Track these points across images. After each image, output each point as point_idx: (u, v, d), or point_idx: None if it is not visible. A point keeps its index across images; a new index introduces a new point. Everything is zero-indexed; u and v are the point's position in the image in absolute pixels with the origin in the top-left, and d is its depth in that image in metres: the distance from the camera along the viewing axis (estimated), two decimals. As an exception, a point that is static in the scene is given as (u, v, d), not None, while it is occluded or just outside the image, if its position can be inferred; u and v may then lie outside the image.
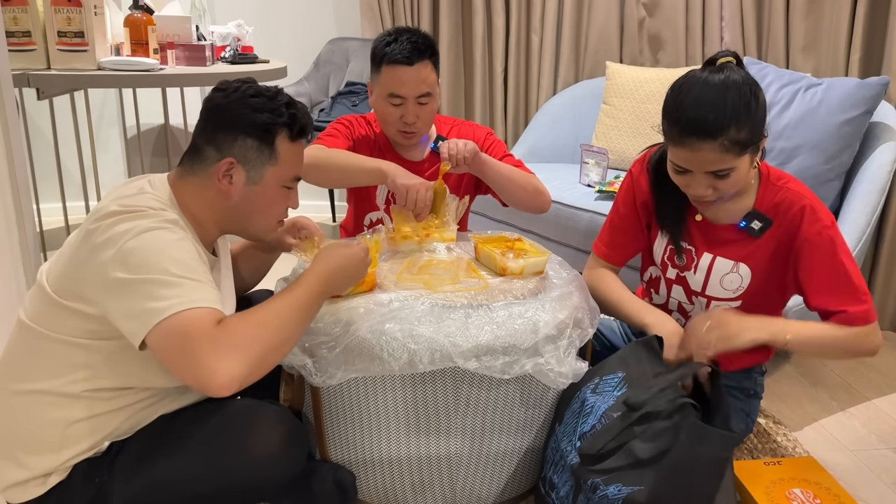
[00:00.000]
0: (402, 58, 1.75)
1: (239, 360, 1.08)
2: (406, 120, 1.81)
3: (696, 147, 1.33)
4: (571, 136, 3.08)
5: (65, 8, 2.30)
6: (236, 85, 1.30)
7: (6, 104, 1.97)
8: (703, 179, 1.38)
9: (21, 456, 1.22)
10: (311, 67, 3.52)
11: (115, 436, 1.26)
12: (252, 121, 1.27)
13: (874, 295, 2.61)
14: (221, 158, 1.27)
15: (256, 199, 1.31)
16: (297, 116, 1.31)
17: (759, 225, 1.48)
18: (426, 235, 1.74)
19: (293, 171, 1.34)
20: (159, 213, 1.20)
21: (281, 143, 1.29)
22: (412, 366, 1.33)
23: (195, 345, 1.07)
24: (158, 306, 1.09)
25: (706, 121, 1.31)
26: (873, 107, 2.28)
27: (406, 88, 1.77)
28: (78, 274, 1.18)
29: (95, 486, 1.23)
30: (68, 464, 1.23)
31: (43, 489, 1.23)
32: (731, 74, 1.34)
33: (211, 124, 1.29)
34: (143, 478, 1.23)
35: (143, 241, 1.14)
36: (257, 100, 1.28)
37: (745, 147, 1.34)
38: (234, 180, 1.28)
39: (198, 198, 1.29)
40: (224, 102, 1.28)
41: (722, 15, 2.96)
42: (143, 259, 1.12)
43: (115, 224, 1.15)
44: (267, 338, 1.13)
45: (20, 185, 2.03)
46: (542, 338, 1.39)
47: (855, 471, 1.83)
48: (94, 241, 1.16)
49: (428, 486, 1.51)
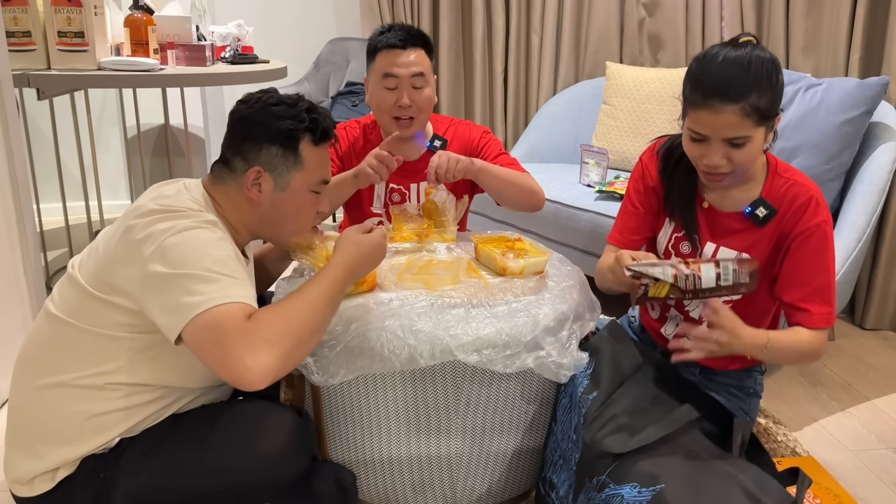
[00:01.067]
0: (397, 41, 1.81)
1: (271, 354, 1.10)
2: (401, 103, 1.82)
3: (718, 109, 1.35)
4: (571, 136, 3.08)
5: (65, 8, 2.30)
6: (258, 95, 1.35)
7: (6, 104, 1.97)
8: (719, 148, 1.39)
9: (38, 447, 1.25)
10: (311, 67, 3.53)
11: (128, 431, 1.28)
12: (275, 128, 1.31)
13: (874, 295, 2.62)
14: (249, 168, 1.31)
15: (286, 206, 1.35)
16: (319, 121, 1.35)
17: (764, 212, 1.49)
18: (426, 235, 1.74)
19: (319, 174, 1.37)
20: (198, 213, 1.24)
21: (305, 148, 1.33)
22: (413, 361, 1.34)
23: (228, 339, 1.09)
24: (195, 300, 1.11)
25: (731, 82, 1.34)
26: (873, 107, 2.29)
27: (400, 68, 1.81)
28: (116, 268, 1.20)
29: (100, 481, 1.24)
30: (79, 456, 1.25)
31: (50, 484, 1.25)
32: (754, 49, 1.39)
33: (237, 136, 1.33)
34: (148, 475, 1.24)
35: (184, 238, 1.17)
36: (279, 108, 1.32)
37: (763, 117, 1.36)
38: (263, 188, 1.32)
39: (230, 204, 1.34)
40: (247, 113, 1.33)
41: (722, 15, 2.96)
42: (182, 255, 1.15)
43: (155, 222, 1.19)
44: (298, 330, 1.15)
45: (20, 185, 2.03)
46: (543, 330, 1.39)
47: (855, 471, 1.83)
48: (134, 237, 1.18)
49: (428, 486, 1.51)
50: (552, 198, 2.53)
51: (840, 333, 2.62)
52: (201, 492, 1.24)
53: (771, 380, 2.27)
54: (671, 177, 1.58)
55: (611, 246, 1.68)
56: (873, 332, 2.66)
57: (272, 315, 1.14)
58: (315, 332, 1.19)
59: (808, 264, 1.46)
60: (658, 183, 1.61)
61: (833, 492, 1.59)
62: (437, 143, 1.94)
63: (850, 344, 2.56)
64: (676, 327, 1.66)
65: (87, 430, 1.24)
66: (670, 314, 1.67)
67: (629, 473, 1.23)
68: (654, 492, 1.19)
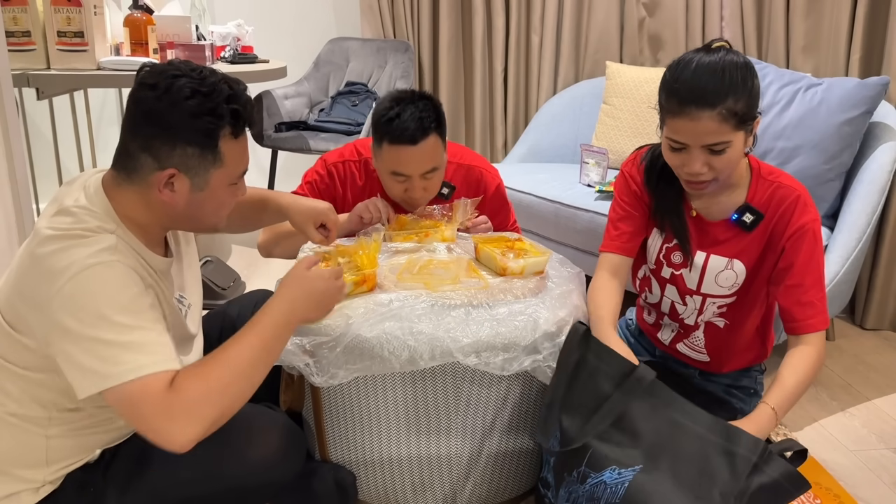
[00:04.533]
0: (406, 138, 1.64)
1: (196, 423, 1.06)
2: (412, 195, 1.73)
3: (695, 116, 1.34)
4: (571, 136, 3.07)
5: (65, 8, 2.30)
6: (168, 81, 1.13)
7: (6, 104, 1.96)
8: (699, 155, 1.38)
9: (10, 469, 1.19)
10: (311, 67, 3.52)
11: (104, 444, 1.24)
12: (192, 128, 1.14)
13: (874, 295, 2.62)
14: (160, 168, 1.15)
15: (204, 204, 1.21)
16: (240, 112, 1.18)
17: (751, 218, 1.49)
18: (426, 235, 1.74)
19: (240, 167, 1.23)
20: (95, 235, 1.11)
21: (225, 144, 1.17)
22: (412, 362, 1.34)
23: (148, 415, 1.05)
24: (107, 371, 1.05)
25: (706, 89, 1.33)
26: (873, 107, 2.28)
27: (410, 168, 1.68)
28: (24, 305, 1.12)
29: (90, 494, 1.21)
30: (59, 474, 1.20)
31: (35, 498, 1.19)
32: (726, 54, 1.38)
33: (143, 129, 1.15)
34: (139, 485, 1.21)
35: (84, 283, 1.07)
36: (194, 101, 1.13)
37: (741, 121, 1.35)
38: (177, 189, 1.17)
39: (138, 205, 1.18)
40: (157, 107, 1.13)
41: (722, 15, 2.96)
42: (87, 307, 1.06)
43: (52, 255, 1.09)
44: (224, 400, 1.09)
45: (20, 185, 2.03)
46: (542, 335, 1.39)
47: (855, 471, 1.83)
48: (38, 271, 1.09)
49: (428, 486, 1.51)
50: (552, 198, 2.53)
51: (840, 333, 2.62)
52: (195, 497, 1.23)
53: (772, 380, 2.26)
54: (657, 186, 1.56)
55: (607, 256, 1.61)
56: (873, 332, 2.66)
57: (197, 381, 1.08)
58: (247, 387, 1.13)
59: (802, 264, 1.46)
60: (644, 192, 1.59)
61: (833, 492, 1.59)
62: (445, 190, 1.85)
63: (850, 344, 2.56)
64: (672, 333, 1.66)
65: (55, 451, 1.19)
66: (664, 322, 1.67)
67: (606, 459, 1.24)
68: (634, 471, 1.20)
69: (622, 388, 1.31)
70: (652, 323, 1.71)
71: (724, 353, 1.62)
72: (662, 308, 1.66)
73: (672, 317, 1.65)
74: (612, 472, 1.23)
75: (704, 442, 1.24)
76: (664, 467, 1.23)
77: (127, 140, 1.17)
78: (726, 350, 1.62)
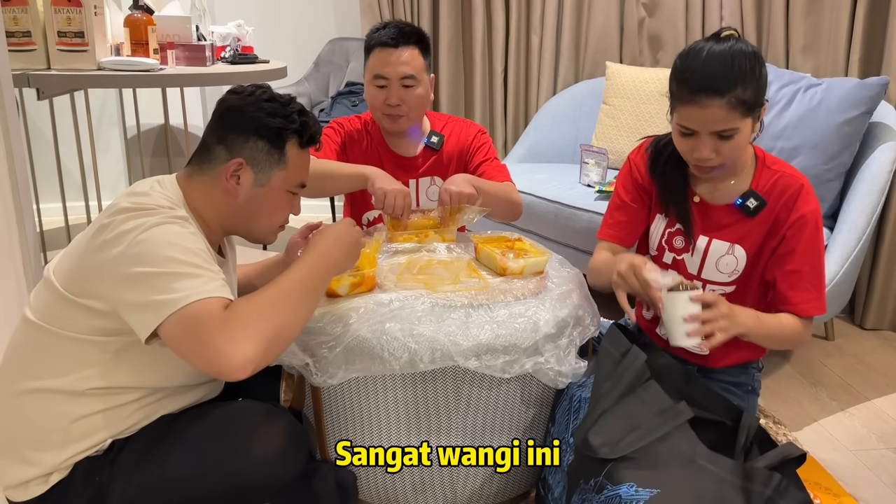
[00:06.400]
0: (388, 39, 1.81)
1: (251, 342, 1.10)
2: (389, 102, 1.83)
3: (705, 104, 1.38)
4: (571, 136, 3.08)
5: (65, 8, 2.30)
6: (251, 89, 1.33)
7: (6, 104, 1.97)
8: (708, 141, 1.42)
9: (26, 453, 1.23)
10: (311, 67, 3.52)
11: (118, 433, 1.27)
12: (265, 124, 1.29)
13: (874, 295, 2.62)
14: (231, 158, 1.29)
15: (262, 202, 1.33)
16: (309, 125, 1.34)
17: (755, 203, 1.51)
18: (426, 235, 1.74)
19: (299, 176, 1.36)
20: (168, 210, 1.22)
21: (291, 149, 1.32)
22: (413, 365, 1.34)
23: (207, 330, 1.09)
24: (170, 298, 1.11)
25: (716, 77, 1.38)
26: (873, 107, 2.28)
27: (389, 69, 1.82)
28: (88, 270, 1.19)
29: (95, 484, 1.24)
30: (70, 461, 1.24)
31: (44, 487, 1.23)
32: (735, 43, 1.42)
33: (223, 124, 1.31)
34: (143, 477, 1.23)
35: (153, 235, 1.16)
36: (271, 104, 1.31)
37: (749, 108, 1.40)
38: (242, 181, 1.30)
39: (205, 197, 1.31)
40: (238, 104, 1.31)
41: (722, 15, 2.96)
42: (152, 253, 1.14)
43: (125, 221, 1.17)
44: (277, 318, 1.15)
45: (20, 185, 2.03)
46: (542, 337, 1.39)
47: (855, 471, 1.83)
48: (105, 237, 1.17)
49: (429, 486, 1.51)
50: (552, 198, 2.54)
51: (840, 333, 2.62)
52: (198, 494, 1.23)
53: (771, 380, 2.27)
54: (662, 173, 1.60)
55: (603, 243, 1.68)
56: (873, 332, 2.66)
57: (250, 305, 1.14)
58: (294, 320, 1.19)
59: (802, 252, 1.49)
60: (648, 180, 1.63)
61: (833, 492, 1.59)
62: (434, 139, 1.95)
63: (850, 344, 2.56)
64: None
65: (73, 434, 1.23)
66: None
67: (626, 474, 1.24)
68: (651, 493, 1.20)
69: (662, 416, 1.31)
70: (650, 318, 1.72)
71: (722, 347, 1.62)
72: None
73: None
74: (629, 488, 1.23)
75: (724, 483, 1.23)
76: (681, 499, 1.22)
77: (207, 136, 1.33)
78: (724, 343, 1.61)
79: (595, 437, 1.28)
